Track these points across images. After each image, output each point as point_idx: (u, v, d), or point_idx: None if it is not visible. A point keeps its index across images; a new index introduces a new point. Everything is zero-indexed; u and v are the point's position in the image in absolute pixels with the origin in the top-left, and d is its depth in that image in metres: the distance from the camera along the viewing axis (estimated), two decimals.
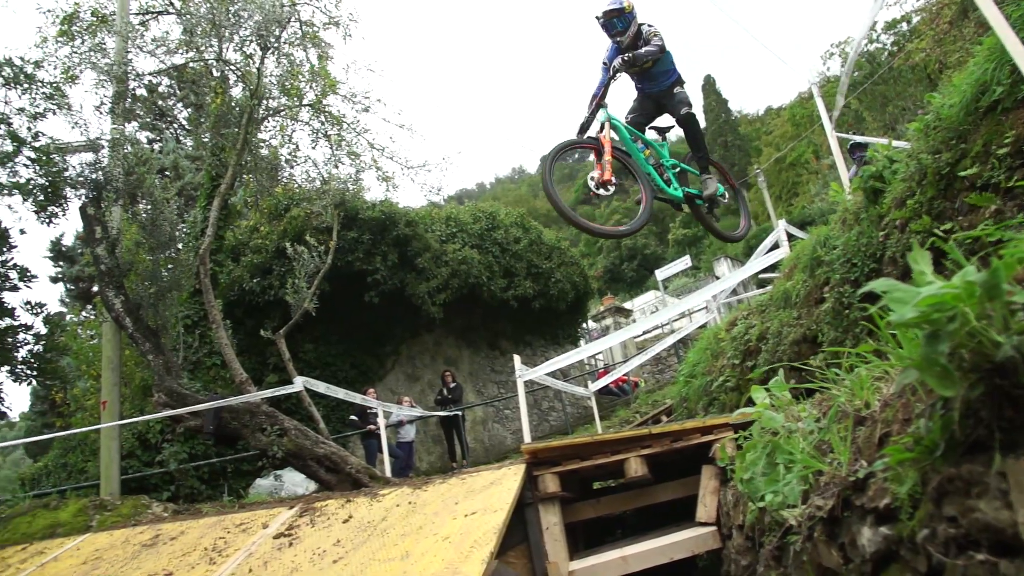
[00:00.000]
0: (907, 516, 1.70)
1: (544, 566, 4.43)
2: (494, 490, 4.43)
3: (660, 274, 25.65)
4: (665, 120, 7.81)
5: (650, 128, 7.79)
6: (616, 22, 7.07)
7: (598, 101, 6.98)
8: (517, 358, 9.69)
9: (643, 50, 6.96)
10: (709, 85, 69.76)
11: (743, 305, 9.42)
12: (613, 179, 6.56)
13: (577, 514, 5.12)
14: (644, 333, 24.21)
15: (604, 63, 7.32)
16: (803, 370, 4.57)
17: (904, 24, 22.00)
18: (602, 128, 6.89)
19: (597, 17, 7.17)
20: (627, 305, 38.64)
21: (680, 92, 7.49)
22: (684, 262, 25.27)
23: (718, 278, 27.89)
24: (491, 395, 22.01)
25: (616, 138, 7.01)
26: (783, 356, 6.04)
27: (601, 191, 6.69)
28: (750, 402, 6.32)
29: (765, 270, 12.23)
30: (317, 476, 8.35)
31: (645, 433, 4.68)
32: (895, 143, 5.68)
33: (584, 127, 7.02)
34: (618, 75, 7.02)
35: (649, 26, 7.21)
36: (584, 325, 28.66)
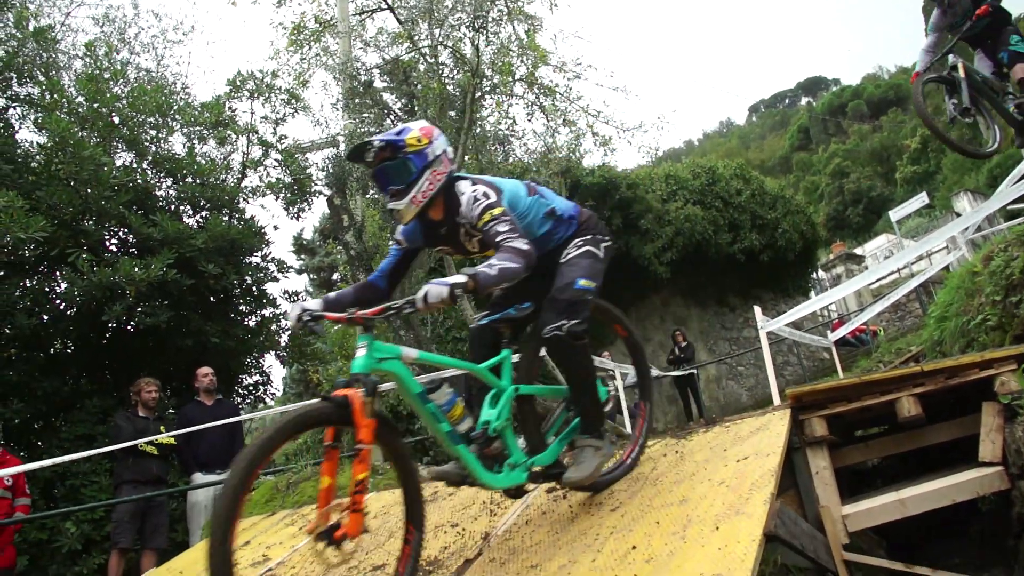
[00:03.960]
0: None
1: (816, 511, 4.38)
2: (761, 435, 4.42)
3: (894, 215, 24.18)
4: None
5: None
6: (389, 169, 3.81)
7: (372, 312, 3.45)
8: (757, 309, 9.54)
9: (491, 273, 3.50)
10: None
11: (998, 238, 8.80)
12: (366, 530, 3.20)
13: (843, 459, 5.00)
14: (879, 280, 23.00)
15: (396, 241, 4.26)
16: None
17: None
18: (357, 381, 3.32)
19: (367, 163, 3.89)
20: (858, 251, 36.86)
21: (572, 262, 4.16)
22: (920, 200, 23.63)
23: (958, 215, 26.01)
24: (722, 352, 21.78)
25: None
26: None
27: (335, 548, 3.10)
28: (1019, 339, 5.95)
29: (1014, 201, 11.36)
30: None
31: (917, 370, 4.48)
32: None
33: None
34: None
35: (474, 187, 3.87)
36: (814, 275, 27.62)
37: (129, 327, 10.53)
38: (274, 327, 13.06)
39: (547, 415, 4.45)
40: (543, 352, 4.31)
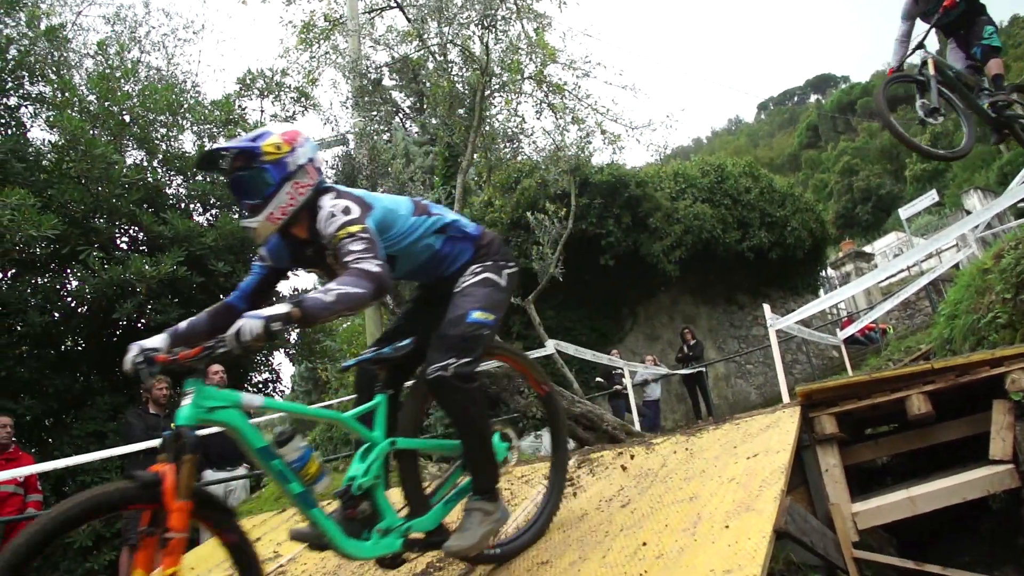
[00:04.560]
0: None
1: (826, 508, 4.39)
2: (772, 432, 4.43)
3: (904, 212, 24.12)
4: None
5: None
6: (244, 180, 3.30)
7: (191, 354, 2.90)
8: (767, 307, 9.56)
9: (325, 300, 2.91)
10: None
11: (1008, 236, 8.78)
12: None
13: (853, 457, 4.99)
14: (889, 278, 22.95)
15: (259, 257, 3.68)
16: None
17: None
18: (176, 448, 2.74)
19: (221, 171, 3.43)
20: (867, 249, 36.74)
21: (466, 292, 3.61)
22: (930, 197, 23.59)
23: (968, 212, 25.93)
24: (731, 351, 21.75)
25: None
26: None
27: None
28: None
29: None
30: (575, 434, 8.60)
31: (927, 368, 4.49)
32: None
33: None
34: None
35: (336, 200, 3.30)
36: (823, 273, 27.56)
37: (139, 324, 10.59)
38: None
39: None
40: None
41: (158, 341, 3.24)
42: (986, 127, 7.39)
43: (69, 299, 10.58)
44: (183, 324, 3.44)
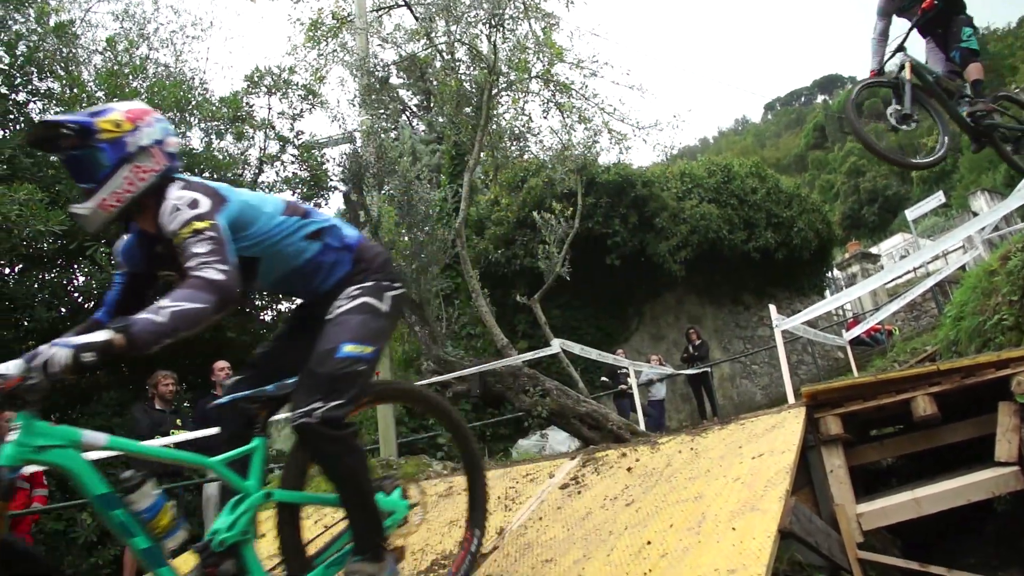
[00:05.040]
0: None
1: (831, 509, 4.39)
2: (777, 433, 4.43)
3: (910, 214, 24.03)
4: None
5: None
6: (78, 160, 2.83)
7: (9, 385, 2.36)
8: (773, 308, 9.51)
9: (157, 322, 2.48)
10: None
11: (1015, 237, 8.74)
12: None
13: (858, 458, 5.00)
14: (895, 279, 22.87)
15: (118, 265, 3.26)
16: None
17: None
18: None
19: (58, 149, 2.92)
20: (873, 250, 36.67)
21: (339, 320, 3.12)
22: (937, 199, 23.49)
23: (975, 214, 25.86)
24: (737, 351, 21.70)
25: None
26: None
27: None
28: None
29: None
30: (580, 434, 8.62)
31: (933, 369, 4.49)
32: None
33: None
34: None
35: (183, 191, 2.83)
36: (830, 274, 27.48)
37: None
38: None
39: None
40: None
41: (11, 366, 2.53)
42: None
43: (76, 295, 10.60)
44: (44, 348, 2.71)
